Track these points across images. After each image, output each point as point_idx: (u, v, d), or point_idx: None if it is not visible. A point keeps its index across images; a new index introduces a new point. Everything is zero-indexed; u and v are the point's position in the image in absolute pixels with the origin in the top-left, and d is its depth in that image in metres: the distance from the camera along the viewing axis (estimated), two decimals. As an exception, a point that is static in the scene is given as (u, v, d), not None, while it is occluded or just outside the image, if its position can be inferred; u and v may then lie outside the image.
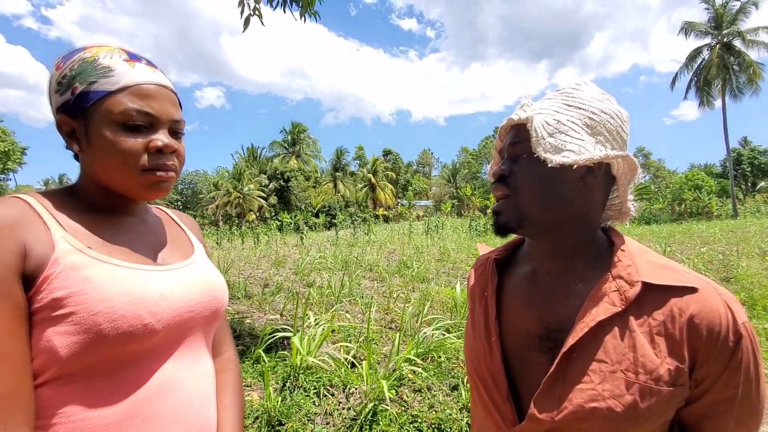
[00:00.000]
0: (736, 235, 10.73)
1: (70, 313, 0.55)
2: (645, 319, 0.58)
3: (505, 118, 0.68)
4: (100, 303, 0.57)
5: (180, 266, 0.73)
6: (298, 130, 49.15)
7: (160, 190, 0.69)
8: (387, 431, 2.25)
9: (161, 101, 0.68)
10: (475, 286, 0.80)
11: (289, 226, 22.97)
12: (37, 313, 0.55)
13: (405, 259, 8.09)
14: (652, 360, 0.55)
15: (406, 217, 39.37)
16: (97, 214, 0.68)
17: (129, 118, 0.64)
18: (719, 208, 24.90)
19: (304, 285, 6.14)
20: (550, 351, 0.63)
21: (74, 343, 0.55)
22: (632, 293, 0.58)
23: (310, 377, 2.77)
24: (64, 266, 0.57)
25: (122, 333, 0.58)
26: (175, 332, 0.67)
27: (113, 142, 0.64)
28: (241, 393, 0.84)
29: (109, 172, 0.66)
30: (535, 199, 0.64)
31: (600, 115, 0.62)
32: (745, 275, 5.35)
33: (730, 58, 24.66)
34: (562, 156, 0.59)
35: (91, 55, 0.65)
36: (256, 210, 38.82)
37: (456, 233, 15.67)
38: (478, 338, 0.73)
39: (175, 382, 0.66)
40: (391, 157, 56.75)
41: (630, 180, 0.65)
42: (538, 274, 0.70)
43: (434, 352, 3.06)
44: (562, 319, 0.63)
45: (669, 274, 0.59)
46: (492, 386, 0.67)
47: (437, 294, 5.05)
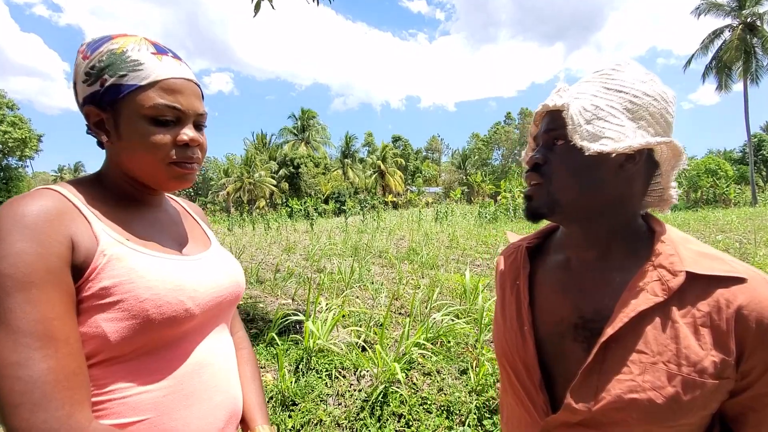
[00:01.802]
0: (755, 223, 10.51)
1: (119, 301, 0.59)
2: (688, 309, 0.56)
3: (540, 104, 0.66)
4: (147, 291, 0.61)
5: (204, 256, 0.77)
6: (307, 117, 49.04)
7: (184, 181, 0.72)
8: (397, 412, 2.30)
9: (188, 96, 0.70)
10: (506, 274, 0.79)
11: (299, 212, 23.12)
12: (85, 302, 0.58)
13: (414, 245, 8.11)
14: (696, 352, 0.54)
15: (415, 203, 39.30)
16: (127, 206, 0.71)
17: (159, 113, 0.66)
18: (737, 196, 24.35)
19: (314, 270, 6.22)
20: (585, 340, 0.62)
21: (124, 327, 0.59)
22: (675, 283, 0.56)
23: (322, 360, 2.83)
24: (109, 257, 0.60)
25: (167, 318, 0.63)
26: (209, 315, 0.72)
27: (143, 135, 0.66)
28: (258, 367, 0.90)
29: (137, 164, 0.68)
30: (569, 186, 0.62)
31: (642, 98, 0.59)
32: (764, 264, 5.26)
33: (753, 39, 23.76)
34: (599, 144, 0.57)
35: (119, 47, 0.66)
36: (267, 196, 39.10)
37: (465, 220, 15.63)
38: (509, 327, 0.72)
39: (209, 359, 0.72)
40: (400, 143, 56.41)
41: (674, 166, 0.63)
42: (572, 263, 0.69)
43: (443, 337, 3.09)
44: (598, 308, 0.62)
45: (715, 263, 0.57)
46: (524, 375, 0.67)
47: (447, 280, 5.08)
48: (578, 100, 0.61)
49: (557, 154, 0.63)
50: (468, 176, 50.29)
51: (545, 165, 0.64)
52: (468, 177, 49.69)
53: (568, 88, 0.64)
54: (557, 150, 0.64)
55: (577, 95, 0.62)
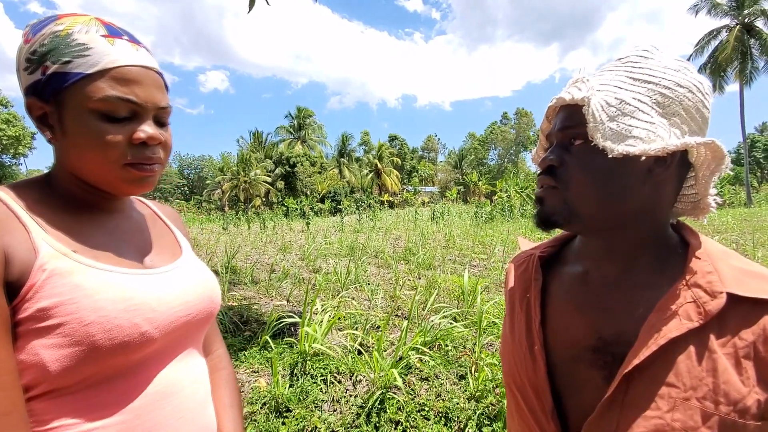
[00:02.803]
0: (751, 223, 10.55)
1: (59, 324, 0.50)
2: (729, 338, 0.48)
3: (555, 96, 0.58)
4: (93, 312, 0.52)
5: (171, 268, 0.68)
6: (303, 115, 48.88)
7: (143, 185, 0.63)
8: (394, 419, 2.24)
9: (146, 86, 0.60)
10: (516, 286, 0.71)
11: (295, 211, 23.02)
12: (21, 324, 0.50)
13: (411, 245, 8.06)
14: (737, 388, 0.46)
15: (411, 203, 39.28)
16: (78, 212, 0.62)
17: (110, 107, 0.57)
18: (732, 196, 24.50)
19: (310, 271, 6.15)
20: (605, 367, 0.55)
21: (65, 356, 0.50)
22: (714, 306, 0.49)
23: (317, 364, 2.77)
24: (50, 273, 0.52)
25: (118, 343, 0.54)
26: (173, 338, 0.63)
27: (92, 133, 0.57)
28: (238, 390, 0.81)
29: (86, 166, 0.60)
30: (589, 194, 0.54)
31: (675, 90, 0.52)
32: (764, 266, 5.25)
33: (750, 40, 23.87)
34: (626, 145, 0.50)
35: (64, 28, 0.57)
36: (262, 195, 38.93)
37: (462, 220, 15.60)
38: (518, 345, 0.65)
39: (174, 387, 0.63)
40: (396, 142, 56.36)
41: (714, 171, 0.54)
42: (591, 276, 0.61)
43: (441, 341, 3.04)
44: (620, 330, 0.55)
45: (762, 284, 0.49)
46: (533, 400, 0.60)
47: (444, 282, 5.02)
48: (600, 92, 0.53)
49: (575, 156, 0.56)
50: (464, 176, 50.34)
51: (561, 167, 0.57)
52: (464, 176, 49.73)
53: (588, 80, 0.55)
54: (575, 151, 0.56)
55: (599, 87, 0.54)
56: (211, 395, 0.72)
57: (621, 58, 0.57)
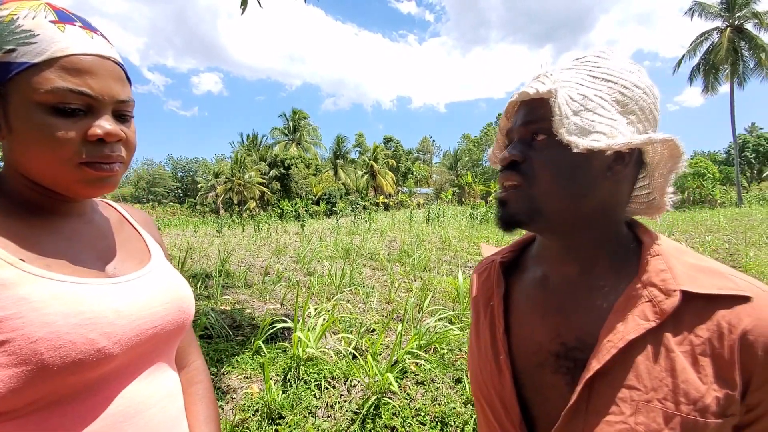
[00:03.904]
0: (742, 223, 10.64)
1: (4, 342, 0.45)
2: (685, 336, 0.48)
3: (516, 92, 0.57)
4: (41, 327, 0.47)
5: (136, 276, 0.63)
6: (298, 117, 48.77)
7: (102, 186, 0.57)
8: (390, 425, 2.20)
9: (102, 78, 0.55)
10: (479, 294, 0.70)
11: (290, 213, 22.91)
12: None
13: (406, 247, 8.03)
14: (696, 387, 0.46)
15: (406, 204, 39.26)
16: (28, 216, 0.57)
17: (60, 99, 0.51)
18: (722, 196, 24.75)
19: (304, 273, 6.09)
20: (568, 372, 0.54)
21: (11, 376, 0.45)
22: (669, 305, 0.49)
23: (311, 369, 2.72)
24: None
25: (71, 361, 0.48)
26: (136, 353, 0.58)
27: (40, 129, 0.51)
28: (216, 405, 0.75)
29: (36, 165, 0.54)
30: (553, 190, 0.54)
31: (632, 90, 0.52)
32: (754, 265, 5.28)
33: (741, 42, 24.15)
34: (590, 139, 0.49)
35: (8, 14, 0.52)
36: (257, 197, 38.75)
37: (457, 221, 15.60)
38: (484, 355, 0.63)
39: (139, 406, 0.58)
40: (392, 144, 56.35)
41: (672, 169, 0.55)
42: (551, 280, 0.61)
43: (437, 344, 3.00)
44: (581, 334, 0.54)
45: (714, 280, 0.49)
46: (501, 411, 0.59)
47: (439, 284, 5.00)
48: (563, 88, 0.52)
49: (539, 151, 0.54)
50: (459, 177, 50.44)
51: (524, 163, 0.55)
52: (459, 178, 49.83)
53: (551, 74, 0.54)
54: (538, 146, 0.55)
55: (562, 83, 0.53)
56: (184, 411, 0.67)
57: (578, 58, 0.57)
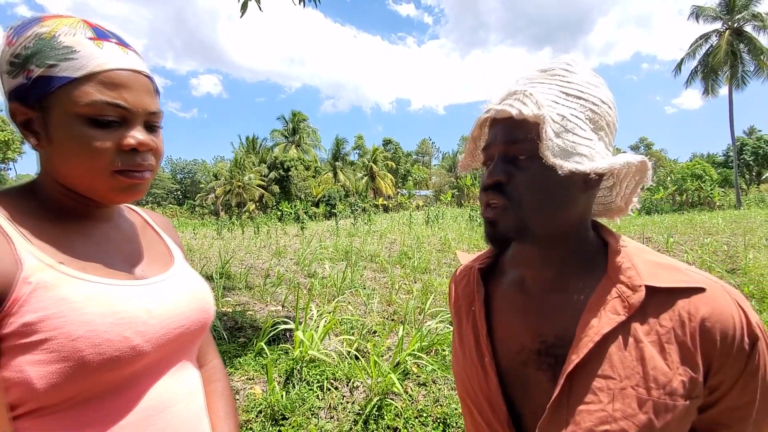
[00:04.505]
0: (740, 225, 10.67)
1: (46, 340, 0.48)
2: (652, 326, 0.52)
3: (492, 107, 0.56)
4: (82, 326, 0.50)
5: (162, 278, 0.66)
6: (298, 119, 48.80)
7: (133, 193, 0.61)
8: (392, 426, 2.21)
9: (135, 91, 0.58)
10: (460, 300, 0.73)
11: (290, 215, 22.93)
12: (5, 341, 0.48)
13: (406, 249, 8.05)
14: (663, 372, 0.50)
15: (405, 206, 39.29)
16: (64, 221, 0.60)
17: (98, 112, 0.55)
18: (721, 198, 24.82)
19: (305, 275, 6.10)
20: (550, 368, 0.57)
21: (53, 372, 0.48)
22: (636, 299, 0.53)
23: (313, 370, 2.73)
24: (35, 285, 0.50)
25: (108, 358, 0.52)
26: (166, 351, 0.61)
27: (78, 139, 0.55)
28: (233, 402, 0.78)
29: (73, 173, 0.58)
30: (539, 208, 0.56)
31: (600, 107, 0.55)
32: (753, 267, 5.30)
33: (740, 44, 24.21)
34: (574, 162, 0.52)
35: (48, 31, 0.55)
36: (256, 199, 38.73)
37: (456, 223, 15.62)
38: (469, 359, 0.66)
39: (166, 402, 0.61)
40: (391, 146, 56.40)
41: (639, 182, 0.59)
42: (528, 282, 0.64)
43: (438, 346, 3.02)
44: (560, 331, 0.58)
45: (673, 274, 0.54)
46: (488, 412, 0.61)
47: (440, 285, 5.01)
48: (545, 108, 0.53)
49: (526, 173, 0.55)
50: (458, 179, 50.46)
51: (508, 183, 0.56)
52: (458, 180, 49.86)
53: (531, 94, 0.54)
54: (521, 166, 0.56)
55: (546, 106, 0.53)
56: (206, 408, 0.70)
57: (546, 70, 0.58)
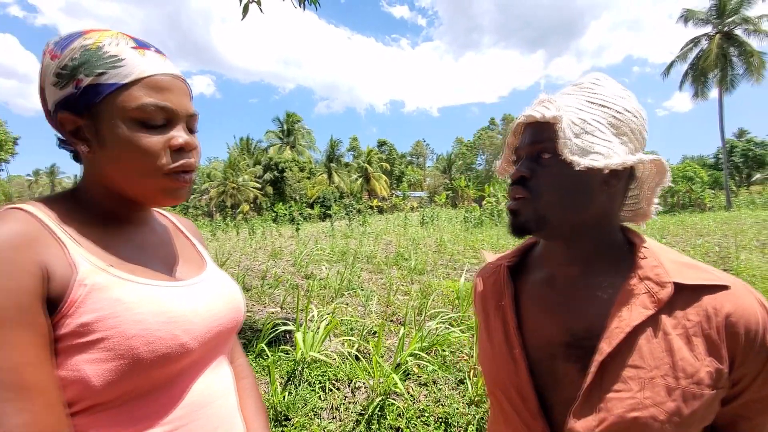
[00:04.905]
0: (731, 227, 10.83)
1: (102, 339, 0.50)
2: (679, 320, 0.56)
3: (523, 114, 0.63)
4: (135, 325, 0.53)
5: (198, 280, 0.69)
6: (292, 121, 48.68)
7: (178, 197, 0.64)
8: (395, 426, 2.23)
9: (178, 94, 0.62)
10: (487, 296, 0.76)
11: (284, 217, 22.85)
12: (62, 341, 0.50)
13: (402, 250, 8.07)
14: (691, 363, 0.53)
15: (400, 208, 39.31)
16: (106, 225, 0.62)
17: (147, 114, 0.58)
18: (712, 200, 25.14)
19: (302, 277, 6.10)
20: (579, 359, 0.60)
21: (108, 370, 0.50)
22: (665, 295, 0.56)
23: (315, 371, 2.75)
24: (90, 288, 0.52)
25: (159, 355, 0.54)
26: (207, 348, 0.64)
27: (131, 140, 0.57)
28: (261, 398, 0.81)
29: (125, 175, 0.60)
30: (557, 202, 0.61)
31: (624, 114, 0.60)
32: (746, 268, 5.39)
33: (730, 48, 24.53)
34: (590, 159, 0.57)
35: (93, 42, 0.58)
36: (251, 201, 38.55)
37: (451, 224, 15.67)
38: (498, 351, 0.69)
39: (207, 398, 0.64)
40: (385, 148, 56.43)
41: (658, 183, 0.63)
42: (556, 279, 0.67)
43: (438, 346, 3.04)
44: (588, 325, 0.61)
45: (698, 273, 0.58)
46: (519, 401, 0.64)
47: (439, 286, 5.04)
48: (566, 113, 0.59)
49: (545, 168, 0.62)
50: (453, 181, 50.61)
51: (532, 179, 0.63)
52: (453, 181, 50.01)
53: (555, 100, 0.61)
54: (544, 164, 0.62)
55: (564, 108, 0.60)
56: (238, 404, 0.73)
57: (576, 84, 0.65)
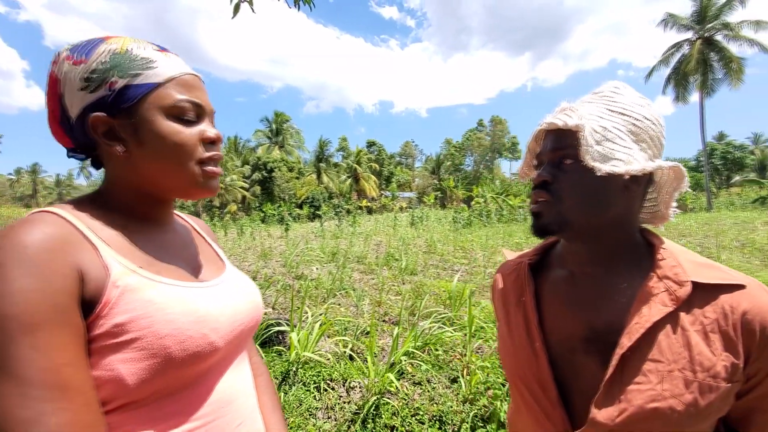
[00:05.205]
0: (712, 227, 11.12)
1: (136, 339, 0.52)
2: (696, 317, 0.59)
3: (545, 121, 0.66)
4: (167, 325, 0.54)
5: (220, 281, 0.71)
6: (281, 120, 48.36)
7: (212, 187, 0.66)
8: (390, 424, 2.25)
9: (201, 91, 0.65)
10: (508, 292, 0.80)
11: (273, 217, 22.69)
12: (96, 341, 0.51)
13: (392, 251, 8.09)
14: (708, 357, 0.56)
15: (389, 208, 39.37)
16: (135, 228, 0.64)
17: (182, 111, 0.61)
18: (693, 201, 25.77)
19: (293, 278, 6.08)
20: (599, 353, 0.63)
21: (142, 369, 0.52)
22: (683, 293, 0.59)
23: (309, 371, 2.75)
24: (123, 289, 0.53)
25: (191, 354, 0.56)
26: (231, 347, 0.66)
27: (171, 134, 0.60)
28: (277, 395, 0.83)
29: (165, 169, 0.62)
30: (579, 205, 0.64)
31: (643, 122, 0.63)
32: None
33: (711, 53, 25.17)
34: (611, 165, 0.59)
35: (119, 47, 0.60)
36: (239, 201, 38.17)
37: (440, 225, 15.76)
38: (519, 345, 0.72)
39: (231, 394, 0.66)
40: (375, 148, 56.45)
41: (676, 188, 0.67)
42: (577, 278, 0.70)
43: (431, 346, 3.07)
44: (608, 321, 0.64)
45: (715, 272, 0.61)
46: (540, 393, 0.67)
47: (432, 287, 5.07)
48: (588, 122, 0.62)
49: (567, 174, 0.65)
50: (441, 181, 50.85)
51: (554, 183, 0.66)
52: (441, 182, 50.23)
53: (576, 109, 0.64)
54: (566, 169, 0.65)
55: (586, 116, 0.63)
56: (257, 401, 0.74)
57: (597, 92, 0.68)
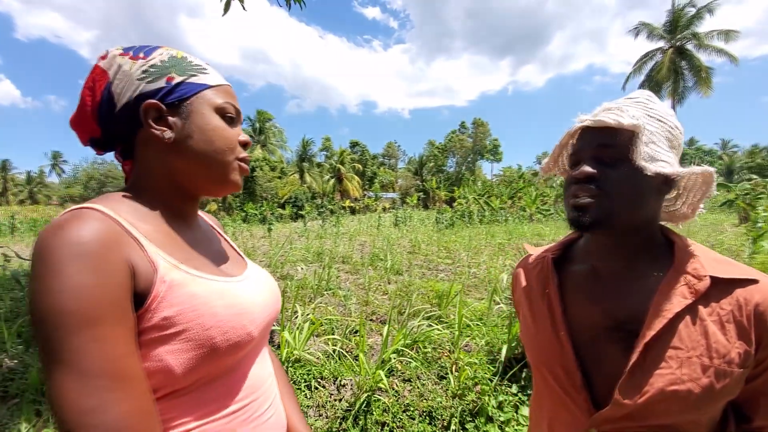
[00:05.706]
0: (684, 229, 11.51)
1: (183, 331, 0.55)
2: (713, 308, 0.64)
3: (588, 119, 0.68)
4: (211, 318, 0.58)
5: (247, 275, 0.74)
6: (263, 119, 47.78)
7: (240, 184, 0.71)
8: (381, 421, 2.29)
9: (236, 100, 0.73)
10: (532, 285, 0.84)
11: (255, 216, 22.42)
12: (145, 334, 0.53)
13: (377, 251, 8.14)
14: (724, 345, 0.62)
15: (372, 209, 39.40)
16: (170, 224, 0.67)
17: (227, 111, 0.69)
18: (666, 204, 26.67)
19: (278, 278, 6.05)
20: (622, 341, 0.68)
21: (189, 359, 0.55)
22: (702, 286, 0.64)
23: (299, 370, 2.77)
24: (169, 284, 0.56)
25: (233, 344, 0.60)
26: (262, 336, 0.71)
27: (218, 128, 0.67)
28: (289, 381, 0.88)
29: (208, 158, 0.67)
30: (626, 201, 0.67)
31: (675, 130, 0.69)
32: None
33: (682, 62, 26.17)
34: (658, 166, 0.64)
35: (176, 53, 0.69)
36: (219, 200, 37.51)
37: (423, 225, 15.89)
38: (543, 333, 0.77)
39: (260, 380, 0.70)
40: (358, 148, 56.41)
41: (705, 192, 0.71)
42: (601, 272, 0.75)
43: (420, 343, 3.13)
44: (631, 312, 0.69)
45: (731, 268, 0.67)
46: (563, 377, 0.72)
47: (419, 286, 5.13)
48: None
49: (615, 170, 0.67)
50: (424, 182, 51.18)
51: (600, 179, 0.67)
52: (424, 183, 50.57)
53: (626, 109, 0.67)
54: (614, 166, 0.67)
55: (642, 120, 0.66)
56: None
57: (632, 98, 0.72)
